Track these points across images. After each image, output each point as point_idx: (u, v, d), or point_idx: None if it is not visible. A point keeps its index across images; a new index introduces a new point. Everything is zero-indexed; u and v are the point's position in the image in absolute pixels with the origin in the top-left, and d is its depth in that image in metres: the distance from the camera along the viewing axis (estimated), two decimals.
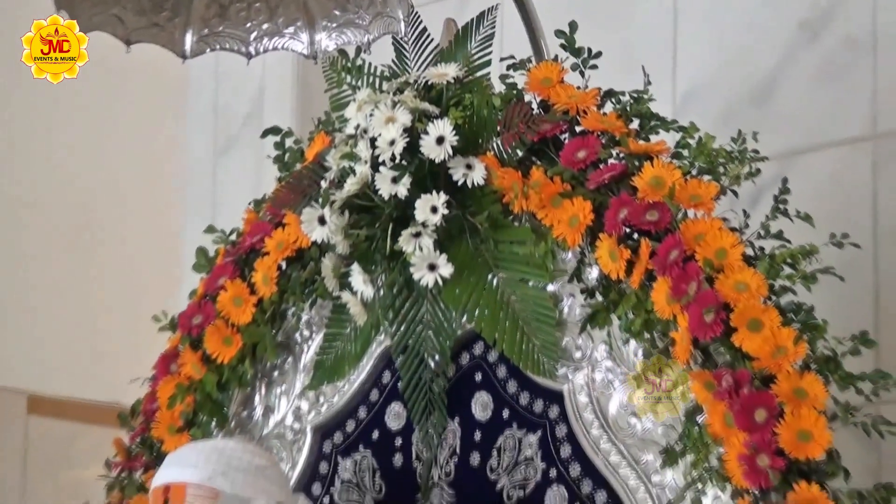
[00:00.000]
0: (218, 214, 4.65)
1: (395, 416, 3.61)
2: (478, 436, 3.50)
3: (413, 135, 3.44)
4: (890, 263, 4.11)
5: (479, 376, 3.53)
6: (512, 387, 3.47)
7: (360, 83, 3.63)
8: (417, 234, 3.45)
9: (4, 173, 5.32)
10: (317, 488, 3.66)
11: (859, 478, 3.08)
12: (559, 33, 3.54)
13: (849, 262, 3.35)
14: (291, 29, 3.73)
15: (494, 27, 3.61)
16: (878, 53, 4.23)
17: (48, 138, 5.38)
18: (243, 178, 4.98)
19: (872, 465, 3.41)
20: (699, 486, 3.12)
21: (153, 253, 5.24)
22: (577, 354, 3.38)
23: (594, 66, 3.50)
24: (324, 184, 3.58)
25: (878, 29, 4.24)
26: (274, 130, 3.92)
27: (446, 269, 3.45)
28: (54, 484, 4.95)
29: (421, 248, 3.45)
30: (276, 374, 3.79)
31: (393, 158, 3.45)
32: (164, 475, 3.42)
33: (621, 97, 3.47)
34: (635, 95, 3.46)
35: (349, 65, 3.69)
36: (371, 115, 3.48)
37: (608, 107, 3.45)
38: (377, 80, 3.62)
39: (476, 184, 3.44)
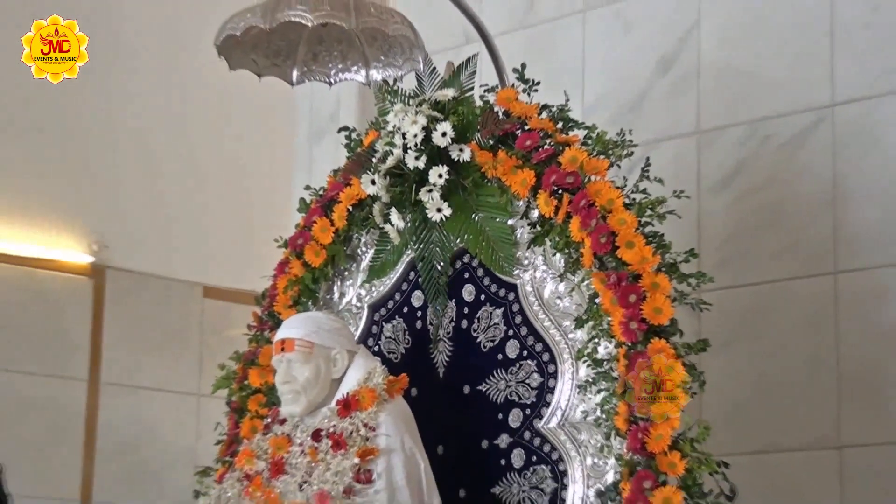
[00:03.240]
0: (312, 177, 4.62)
1: (417, 298, 3.59)
2: (466, 310, 3.49)
3: (428, 131, 3.44)
4: (707, 207, 4.11)
5: (466, 275, 3.51)
6: (486, 281, 3.46)
7: (395, 99, 3.61)
8: (430, 190, 3.45)
9: (190, 153, 5.26)
10: (370, 342, 3.64)
11: (688, 336, 3.11)
12: (515, 70, 3.52)
13: (683, 207, 3.36)
14: (355, 68, 3.71)
15: (476, 66, 3.58)
16: (701, 81, 4.22)
17: (218, 131, 5.32)
18: (326, 155, 4.94)
19: (696, 328, 3.42)
20: (596, 340, 3.15)
21: (274, 200, 5.19)
22: (525, 262, 3.37)
23: (536, 90, 3.48)
24: (374, 160, 3.57)
25: (702, 66, 4.23)
26: (345, 128, 3.88)
27: (447, 211, 3.46)
28: (219, 339, 4.92)
29: (432, 199, 3.45)
30: (346, 273, 3.76)
31: (416, 145, 3.44)
32: (280, 333, 3.42)
33: (551, 108, 3.45)
34: (560, 107, 3.45)
35: (389, 88, 3.67)
36: (403, 119, 3.47)
37: (544, 114, 3.43)
38: (406, 98, 3.59)
39: (465, 160, 3.43)
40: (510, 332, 3.37)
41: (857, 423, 3.80)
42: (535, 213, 3.33)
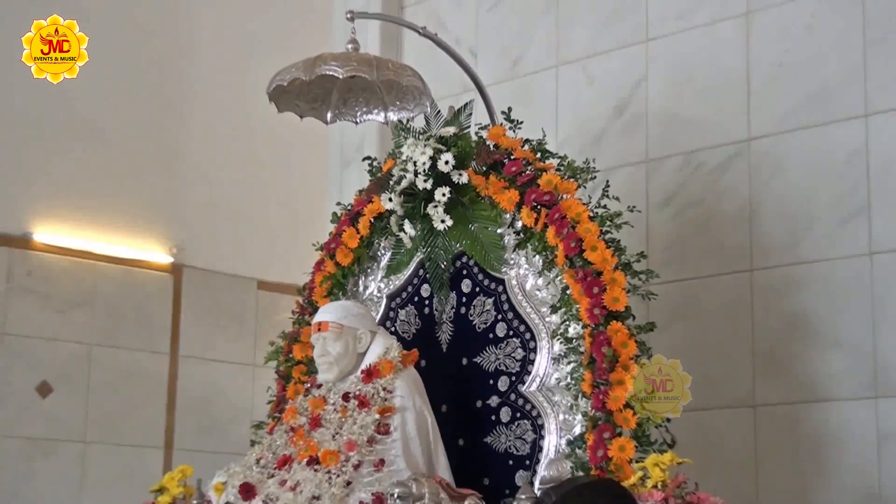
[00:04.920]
0: (342, 195, 4.56)
1: (425, 290, 3.53)
2: (464, 299, 3.42)
3: (434, 159, 3.38)
4: (653, 219, 4.07)
5: (465, 272, 3.44)
6: (481, 276, 3.39)
7: (408, 135, 3.55)
8: (436, 206, 3.39)
9: (248, 177, 5.23)
10: (388, 324, 3.57)
11: (639, 319, 3.07)
12: (503, 113, 3.49)
13: (635, 219, 3.33)
14: (376, 111, 3.69)
15: (472, 109, 3.53)
16: (648, 121, 4.18)
17: (270, 159, 5.28)
18: (353, 179, 4.89)
19: (645, 313, 3.36)
20: (567, 322, 3.11)
21: (312, 213, 5.11)
22: (511, 262, 3.32)
23: (519, 128, 3.44)
24: (391, 182, 3.50)
25: (648, 110, 4.19)
26: (368, 158, 3.85)
27: (449, 222, 3.40)
28: (271, 321, 4.88)
29: (437, 212, 3.39)
30: (369, 270, 3.70)
31: (424, 171, 3.38)
32: (317, 317, 3.38)
33: (532, 142, 3.40)
34: (538, 141, 3.41)
35: (404, 127, 3.62)
36: (414, 150, 3.42)
37: (526, 147, 3.38)
38: (417, 134, 3.54)
39: (463, 182, 3.37)
40: (499, 317, 3.31)
41: (768, 387, 3.78)
42: (519, 224, 3.28)
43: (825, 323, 3.70)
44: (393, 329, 3.55)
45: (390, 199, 3.47)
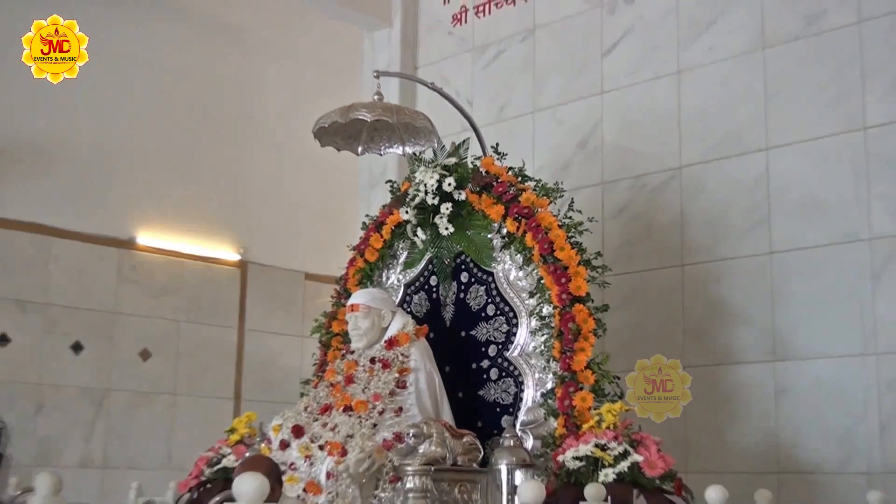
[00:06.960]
0: (370, 209, 4.56)
1: (433, 280, 3.50)
2: (462, 287, 3.41)
3: (440, 182, 3.36)
4: (608, 227, 4.06)
5: (463, 266, 3.42)
6: (475, 270, 3.38)
7: (420, 164, 3.53)
8: (441, 217, 3.38)
9: (297, 196, 5.22)
10: (405, 306, 3.55)
11: (597, 302, 3.05)
12: (492, 147, 3.48)
13: (594, 227, 3.32)
14: (396, 145, 3.67)
15: (469, 144, 3.51)
16: (604, 153, 4.17)
17: (313, 182, 5.28)
18: (378, 197, 4.87)
19: (601, 297, 3.33)
20: (541, 304, 3.09)
21: (348, 222, 5.12)
22: (499, 259, 3.30)
23: (505, 158, 3.42)
24: (407, 199, 3.48)
25: (604, 145, 4.18)
26: (390, 181, 3.83)
27: (451, 229, 3.38)
28: (313, 305, 4.89)
29: (442, 222, 3.38)
30: (390, 265, 3.68)
31: (432, 190, 3.37)
32: (351, 300, 3.37)
33: (514, 169, 3.38)
34: (519, 169, 3.39)
35: (417, 157, 3.60)
36: (424, 175, 3.40)
37: (510, 172, 3.36)
38: (427, 162, 3.52)
39: (462, 199, 3.35)
40: (489, 300, 3.30)
41: (694, 353, 3.77)
42: (504, 230, 3.27)
43: (737, 305, 3.72)
44: (409, 309, 3.54)
45: (406, 212, 3.46)
